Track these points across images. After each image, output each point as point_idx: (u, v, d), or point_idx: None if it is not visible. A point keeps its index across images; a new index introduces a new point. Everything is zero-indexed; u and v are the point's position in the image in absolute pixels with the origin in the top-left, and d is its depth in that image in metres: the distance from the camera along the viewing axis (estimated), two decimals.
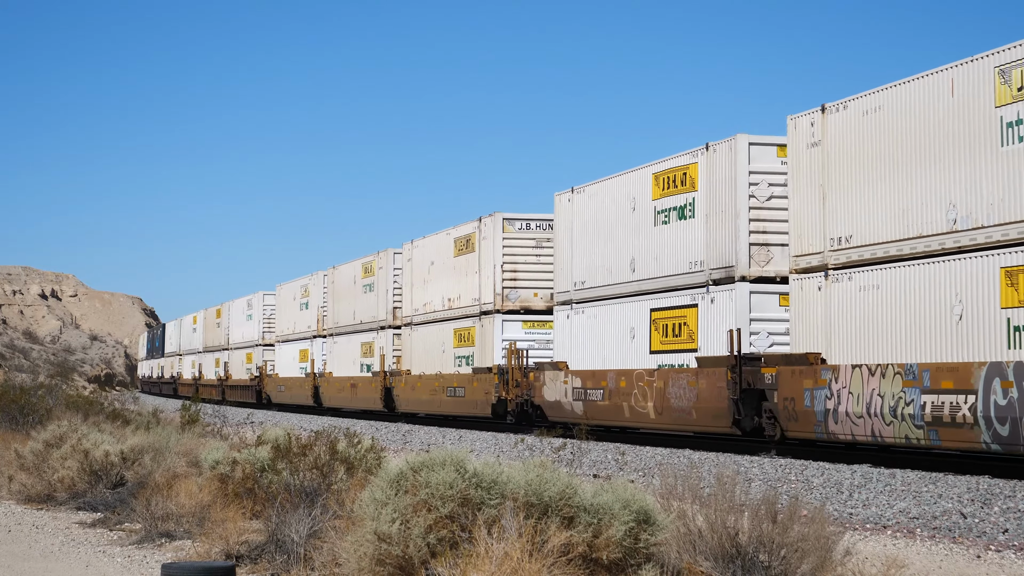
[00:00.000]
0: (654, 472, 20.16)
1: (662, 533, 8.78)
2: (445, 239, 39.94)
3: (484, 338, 36.00)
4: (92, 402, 29.84)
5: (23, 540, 13.76)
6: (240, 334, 70.31)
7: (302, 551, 10.79)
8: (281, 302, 61.70)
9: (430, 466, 8.92)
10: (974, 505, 15.35)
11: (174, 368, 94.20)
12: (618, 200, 29.34)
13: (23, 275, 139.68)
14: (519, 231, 35.88)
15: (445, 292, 39.34)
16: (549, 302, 34.26)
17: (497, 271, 35.69)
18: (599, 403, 29.05)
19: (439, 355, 39.54)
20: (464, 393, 36.82)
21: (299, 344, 57.33)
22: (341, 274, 51.32)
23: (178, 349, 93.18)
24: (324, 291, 53.76)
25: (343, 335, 50.32)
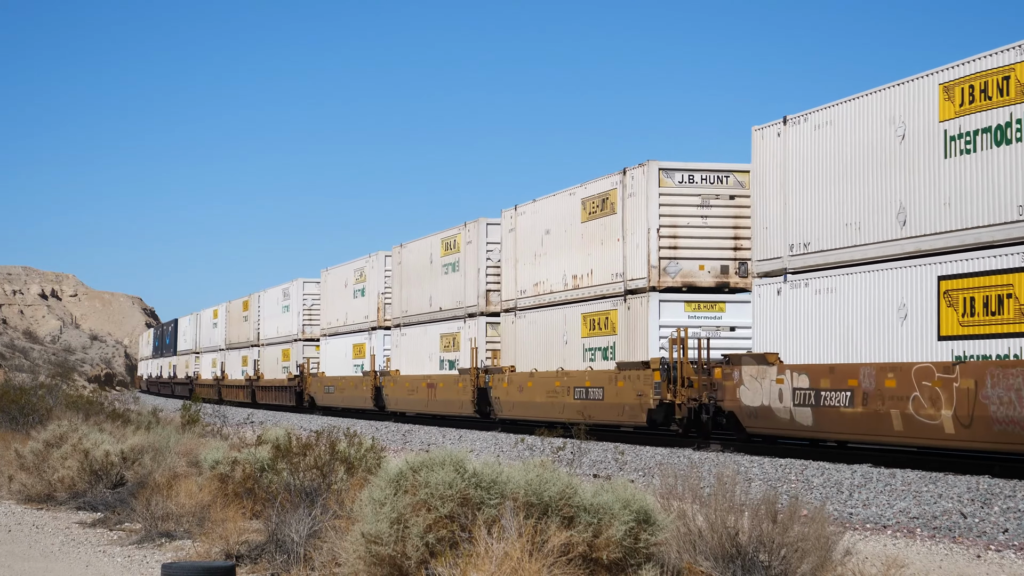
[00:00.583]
0: (654, 472, 20.16)
1: (662, 533, 8.78)
2: (568, 201, 31.80)
3: (632, 324, 28.14)
4: (92, 402, 29.84)
5: (23, 540, 13.76)
6: (274, 328, 62.13)
7: (302, 551, 10.79)
8: (328, 290, 53.12)
9: (430, 466, 8.92)
10: (974, 505, 15.35)
11: (189, 367, 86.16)
12: (871, 127, 21.38)
13: (23, 275, 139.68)
14: (680, 185, 27.92)
15: (568, 268, 31.43)
16: (718, 276, 27.80)
17: (652, 237, 27.63)
18: (843, 410, 21.24)
19: (559, 347, 31.71)
20: (603, 395, 29.00)
21: (353, 338, 49.47)
22: (411, 253, 43.38)
23: (194, 346, 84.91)
24: (387, 274, 46.38)
25: (414, 326, 42.56)
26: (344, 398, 49.36)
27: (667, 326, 27.17)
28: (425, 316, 41.54)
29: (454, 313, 39.01)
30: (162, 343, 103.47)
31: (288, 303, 59.66)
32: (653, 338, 27.32)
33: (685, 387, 25.86)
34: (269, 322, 63.17)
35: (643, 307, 27.64)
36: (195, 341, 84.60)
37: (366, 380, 46.57)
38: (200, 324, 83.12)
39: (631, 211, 28.40)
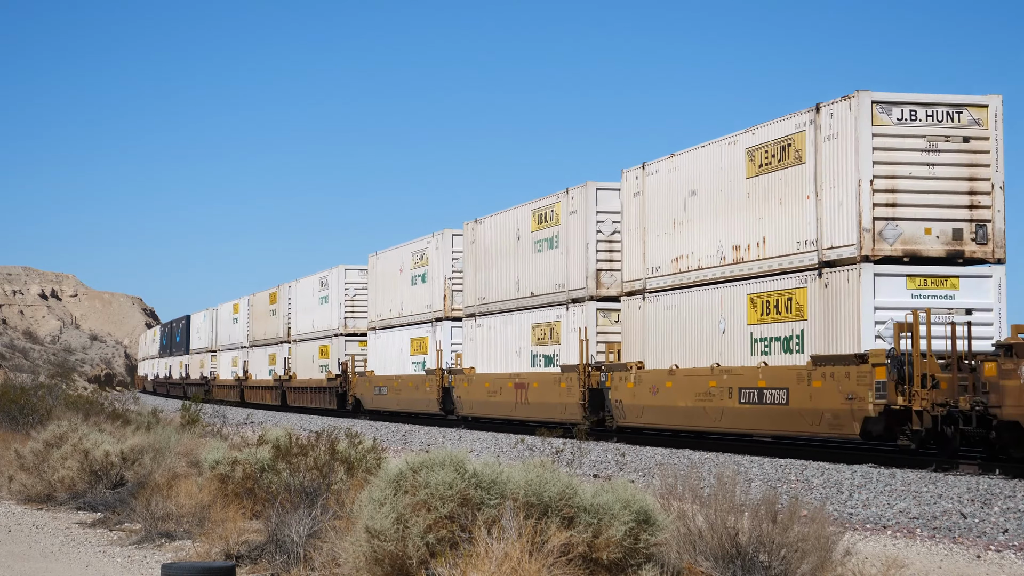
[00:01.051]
0: (654, 472, 20.16)
1: (662, 533, 8.78)
2: (724, 152, 25.39)
3: (832, 306, 21.91)
4: (92, 402, 29.84)
5: (23, 540, 13.76)
6: (308, 322, 55.07)
7: (302, 551, 10.79)
8: (378, 277, 46.46)
9: (430, 466, 8.92)
10: (974, 505, 15.35)
11: (204, 367, 79.08)
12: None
13: (23, 275, 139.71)
14: (899, 124, 21.65)
15: (726, 237, 25.15)
16: (949, 243, 21.52)
17: (863, 191, 21.33)
18: None
19: (712, 337, 25.31)
20: (787, 399, 22.53)
21: (410, 331, 42.47)
22: (491, 229, 36.54)
23: (210, 344, 77.85)
24: (455, 256, 39.77)
25: (494, 315, 35.67)
26: (401, 400, 42.13)
27: (885, 308, 21.09)
28: (510, 303, 34.63)
29: (552, 299, 32.40)
30: (171, 341, 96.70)
31: (326, 293, 52.58)
32: (867, 323, 21.05)
33: (927, 388, 19.72)
34: (302, 316, 55.96)
35: (851, 283, 21.44)
36: (211, 338, 77.90)
37: (430, 380, 39.31)
38: (217, 320, 76.42)
39: (829, 158, 22.13)
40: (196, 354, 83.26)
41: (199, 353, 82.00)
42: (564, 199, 31.84)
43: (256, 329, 65.28)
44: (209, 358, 78.17)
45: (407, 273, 43.49)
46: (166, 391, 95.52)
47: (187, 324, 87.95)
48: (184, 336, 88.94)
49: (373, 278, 47.35)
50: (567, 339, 31.31)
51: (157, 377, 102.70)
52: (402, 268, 43.94)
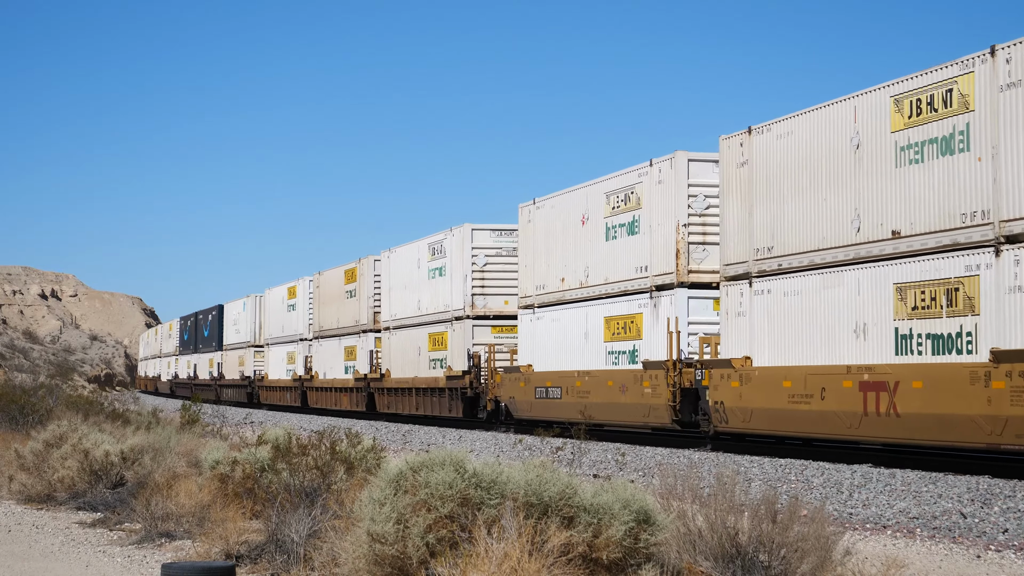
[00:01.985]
0: (654, 472, 20.16)
1: (662, 533, 8.79)
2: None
3: None
4: (92, 402, 29.85)
5: (23, 540, 13.77)
6: (411, 303, 42.70)
7: (302, 551, 10.80)
8: (539, 233, 33.51)
9: (429, 466, 8.92)
10: (974, 505, 15.36)
11: (245, 364, 67.53)
12: None
13: (23, 275, 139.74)
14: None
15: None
16: None
17: None
18: None
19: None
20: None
21: (602, 307, 29.67)
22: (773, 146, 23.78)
23: (253, 337, 66.76)
24: (695, 192, 27.22)
25: (779, 276, 23.18)
26: (590, 406, 28.83)
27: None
28: (802, 258, 22.69)
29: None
30: (195, 336, 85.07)
31: (441, 263, 40.37)
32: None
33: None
34: (402, 295, 43.92)
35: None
36: (253, 331, 66.78)
37: (652, 378, 26.92)
38: (263, 308, 65.13)
39: None
40: (233, 350, 71.43)
41: (237, 349, 70.46)
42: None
43: (325, 316, 53.12)
44: (251, 354, 66.74)
45: (598, 222, 30.58)
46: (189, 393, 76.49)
47: (219, 315, 76.09)
48: (215, 329, 77.29)
49: (529, 237, 34.33)
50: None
51: (175, 378, 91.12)
52: (586, 214, 31.19)
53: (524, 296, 34.11)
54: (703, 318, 26.50)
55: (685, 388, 25.93)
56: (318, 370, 53.77)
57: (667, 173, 27.28)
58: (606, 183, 29.92)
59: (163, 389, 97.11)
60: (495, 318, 37.90)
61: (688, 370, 25.90)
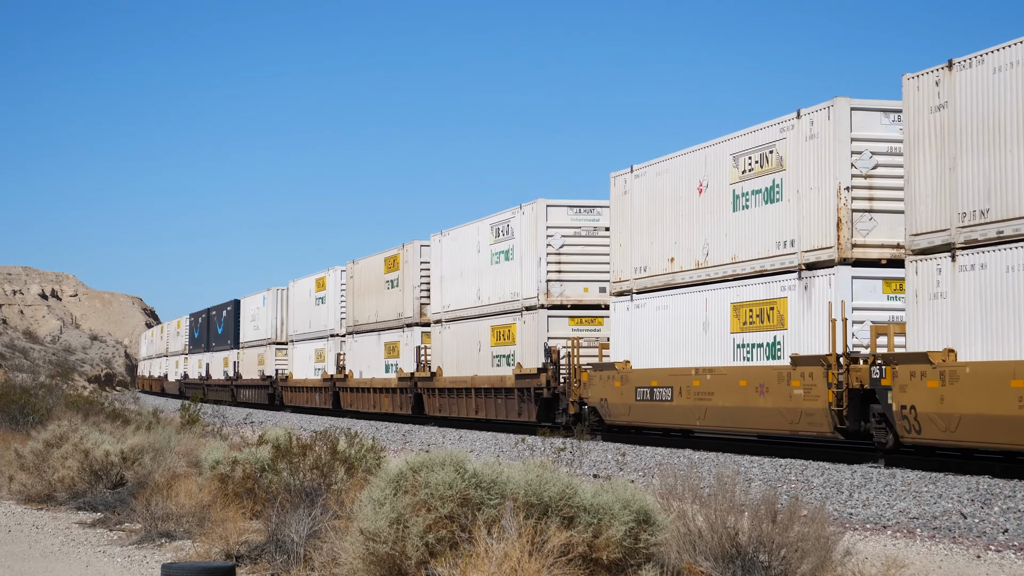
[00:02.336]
0: (654, 472, 20.16)
1: (662, 533, 8.78)
2: None
3: None
4: (92, 402, 29.86)
5: (23, 540, 13.77)
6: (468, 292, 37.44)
7: (302, 551, 10.79)
8: (638, 206, 28.69)
9: (429, 466, 8.92)
10: (974, 505, 15.36)
11: (265, 363, 62.07)
12: None
13: (23, 275, 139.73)
14: None
15: None
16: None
17: None
18: None
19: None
20: None
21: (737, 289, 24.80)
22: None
23: (274, 334, 61.05)
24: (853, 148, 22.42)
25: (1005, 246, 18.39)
26: (712, 410, 24.75)
27: None
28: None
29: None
30: (206, 333, 79.54)
31: (508, 246, 34.91)
32: None
33: None
34: (456, 284, 38.42)
35: None
36: (275, 326, 61.14)
37: (804, 377, 22.08)
38: (287, 302, 59.56)
39: None
40: (252, 348, 65.91)
41: (256, 346, 64.75)
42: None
43: (361, 309, 47.57)
44: (273, 352, 60.86)
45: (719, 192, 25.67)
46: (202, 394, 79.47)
47: (235, 311, 70.41)
48: (230, 326, 71.55)
49: (625, 210, 29.15)
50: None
51: (185, 378, 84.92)
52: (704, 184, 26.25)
53: (619, 280, 29.05)
54: (871, 302, 21.78)
55: (853, 389, 20.84)
56: (353, 368, 48.08)
57: (822, 125, 22.38)
58: (733, 142, 25.00)
59: (171, 389, 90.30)
60: (573, 307, 32.64)
61: (858, 367, 20.87)
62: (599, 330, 32.08)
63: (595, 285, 32.36)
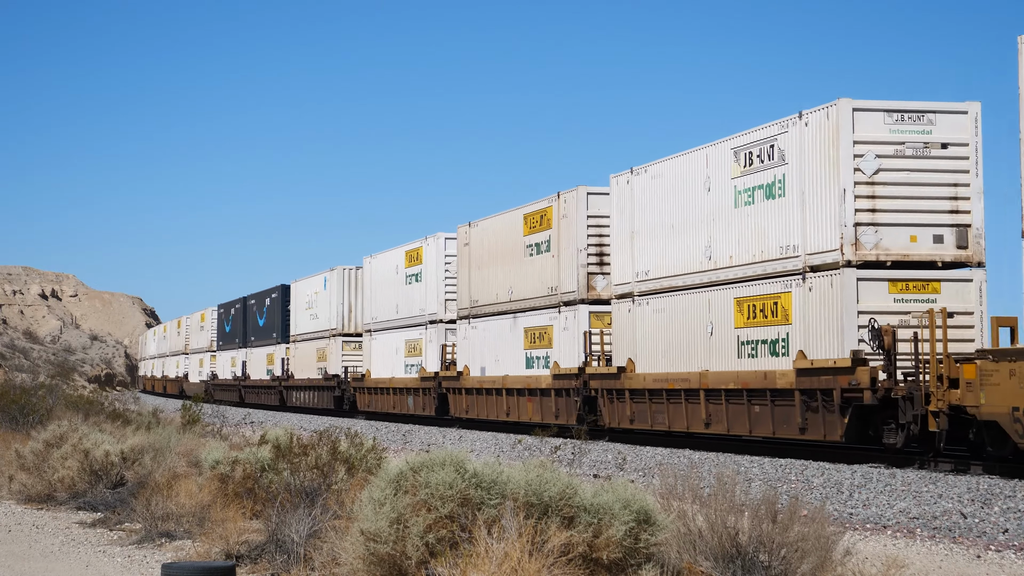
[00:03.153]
0: (654, 472, 20.16)
1: (662, 533, 8.79)
2: None
3: None
4: (92, 402, 29.86)
5: (23, 540, 13.77)
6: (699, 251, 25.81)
7: (302, 551, 10.80)
8: None
9: (430, 466, 8.92)
10: (974, 505, 15.36)
11: (329, 359, 51.04)
12: None
13: (23, 275, 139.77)
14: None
15: None
16: None
17: None
18: None
19: None
20: None
21: None
22: None
23: (339, 323, 50.43)
24: None
25: None
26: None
27: None
28: None
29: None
30: (241, 326, 68.51)
31: (772, 176, 23.64)
32: None
33: None
34: (664, 242, 27.05)
35: None
36: (340, 314, 50.50)
37: None
38: (361, 283, 49.23)
39: None
40: (308, 340, 54.62)
41: (314, 339, 53.63)
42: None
43: (481, 287, 36.53)
44: (338, 345, 50.16)
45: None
46: (236, 397, 66.92)
47: (282, 298, 59.58)
48: (275, 316, 60.62)
49: None
50: None
51: (212, 378, 74.78)
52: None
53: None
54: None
55: None
56: (469, 364, 36.92)
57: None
58: None
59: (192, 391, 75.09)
60: (894, 266, 21.79)
61: None
62: (933, 300, 21.35)
63: (926, 232, 21.87)
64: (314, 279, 54.51)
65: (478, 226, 36.68)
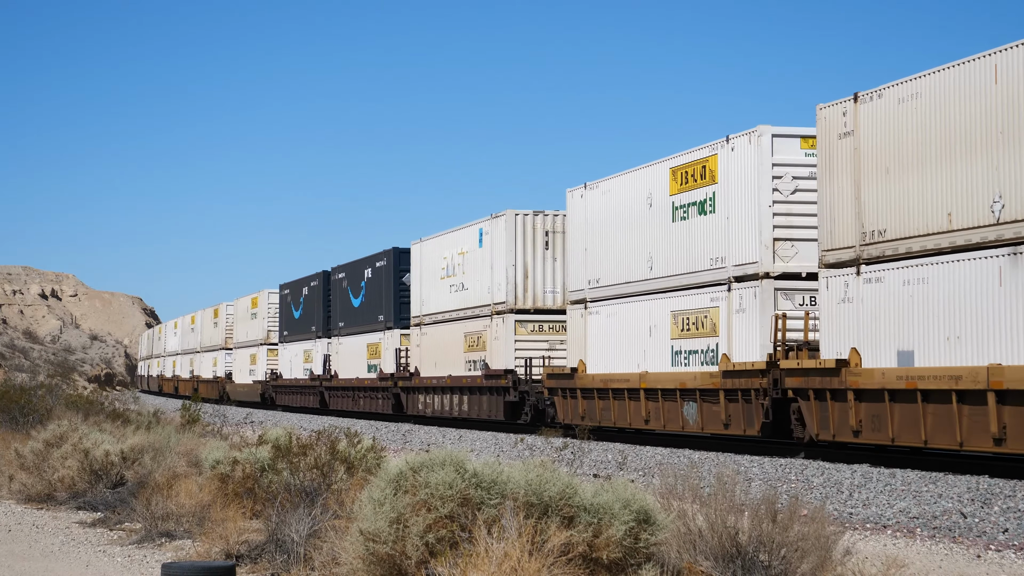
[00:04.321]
0: (654, 472, 20.16)
1: (662, 533, 8.79)
2: None
3: None
4: (92, 402, 29.85)
5: (23, 540, 13.77)
6: None
7: (302, 551, 10.80)
8: None
9: (430, 466, 8.92)
10: (974, 505, 15.36)
11: (495, 346, 35.20)
12: None
13: (23, 275, 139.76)
14: None
15: None
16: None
17: None
18: None
19: None
20: None
21: None
22: None
23: (511, 298, 34.54)
24: None
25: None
26: None
27: None
28: None
29: None
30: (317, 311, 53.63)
31: None
32: None
33: None
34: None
35: None
36: (514, 285, 34.63)
37: None
38: (560, 234, 34.35)
39: None
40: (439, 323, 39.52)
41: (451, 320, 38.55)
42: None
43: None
44: (510, 327, 34.43)
45: None
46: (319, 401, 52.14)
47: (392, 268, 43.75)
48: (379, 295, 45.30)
49: None
50: None
51: (275, 378, 60.25)
52: None
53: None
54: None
55: None
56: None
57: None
58: None
59: (240, 395, 65.50)
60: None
61: None
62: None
63: None
64: (456, 234, 38.50)
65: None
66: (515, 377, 33.69)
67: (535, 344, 34.36)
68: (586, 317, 29.66)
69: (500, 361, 34.69)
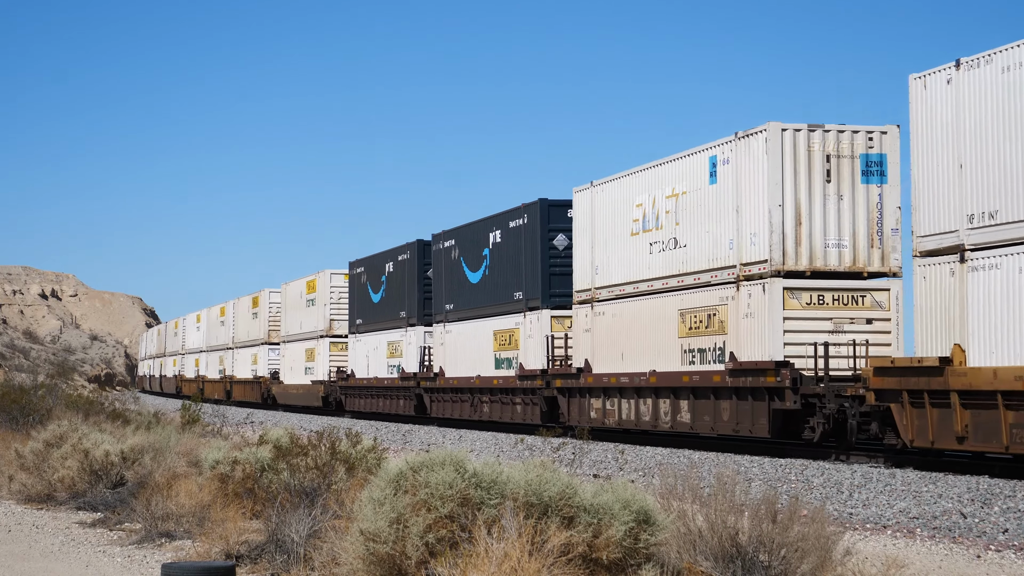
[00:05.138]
0: (654, 472, 20.16)
1: (662, 533, 8.79)
2: None
3: None
4: (92, 402, 29.85)
5: (23, 540, 13.77)
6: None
7: (302, 551, 10.80)
8: None
9: (430, 466, 8.92)
10: (974, 505, 15.36)
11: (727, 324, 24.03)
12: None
13: (23, 275, 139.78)
14: None
15: None
16: None
17: None
18: None
19: None
20: None
21: None
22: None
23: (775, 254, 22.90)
24: None
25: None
26: None
27: None
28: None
29: None
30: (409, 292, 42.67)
31: None
32: None
33: None
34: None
35: None
36: (780, 236, 23.07)
37: None
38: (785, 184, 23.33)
39: None
40: (615, 301, 28.65)
41: (622, 296, 28.50)
42: None
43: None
44: (750, 301, 23.71)
45: None
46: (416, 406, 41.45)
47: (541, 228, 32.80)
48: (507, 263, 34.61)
49: None
50: None
51: (341, 377, 49.75)
52: None
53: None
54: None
55: None
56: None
57: None
58: None
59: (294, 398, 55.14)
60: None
61: None
62: None
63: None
64: (662, 169, 27.38)
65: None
66: (794, 373, 22.64)
67: (813, 324, 23.32)
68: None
69: (756, 350, 23.58)
